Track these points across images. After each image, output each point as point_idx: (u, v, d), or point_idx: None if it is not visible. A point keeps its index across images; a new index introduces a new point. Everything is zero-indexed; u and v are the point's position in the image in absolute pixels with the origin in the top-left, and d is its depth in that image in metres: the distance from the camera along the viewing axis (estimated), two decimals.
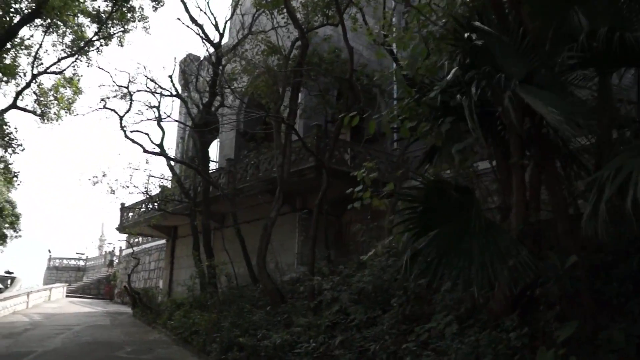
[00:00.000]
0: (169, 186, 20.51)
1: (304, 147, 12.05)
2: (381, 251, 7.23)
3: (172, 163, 18.55)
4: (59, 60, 17.08)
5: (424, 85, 7.36)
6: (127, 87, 16.88)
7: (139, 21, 17.69)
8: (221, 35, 15.93)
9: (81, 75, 18.55)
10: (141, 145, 16.19)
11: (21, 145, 17.57)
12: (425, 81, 7.30)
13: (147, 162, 17.53)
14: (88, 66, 22.59)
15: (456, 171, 7.53)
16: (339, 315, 9.86)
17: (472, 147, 6.61)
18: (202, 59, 19.08)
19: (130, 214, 24.83)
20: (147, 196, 17.87)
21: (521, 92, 5.18)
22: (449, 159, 7.25)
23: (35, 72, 16.79)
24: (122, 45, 18.99)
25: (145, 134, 18.40)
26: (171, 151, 20.29)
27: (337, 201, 17.67)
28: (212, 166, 20.42)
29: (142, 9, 17.54)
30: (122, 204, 25.30)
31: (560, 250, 6.37)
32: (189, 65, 19.55)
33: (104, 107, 16.45)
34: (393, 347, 7.98)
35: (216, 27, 15.81)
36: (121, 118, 16.33)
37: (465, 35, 5.72)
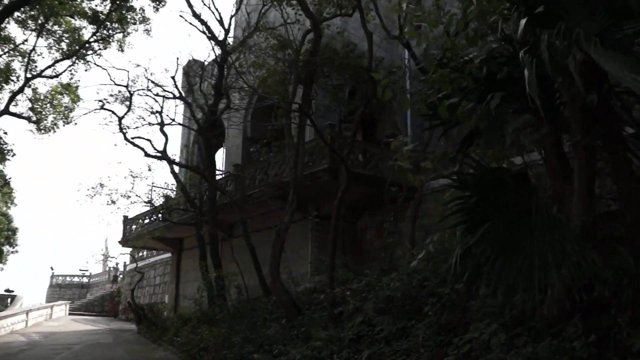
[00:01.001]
0: (173, 196, 19.64)
1: (321, 139, 11.09)
2: (432, 250, 6.29)
3: (177, 170, 17.69)
4: (55, 63, 16.31)
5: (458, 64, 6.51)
6: (126, 87, 16.09)
7: (140, 23, 16.97)
8: (226, 32, 15.16)
9: (79, 81, 17.63)
10: (142, 149, 15.35)
11: (12, 150, 16.74)
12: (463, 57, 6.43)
13: (149, 170, 16.63)
14: (86, 70, 21.80)
15: (502, 158, 6.57)
16: (363, 326, 8.91)
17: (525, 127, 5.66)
18: (206, 63, 18.28)
19: (134, 226, 23.95)
20: (151, 206, 16.94)
21: (597, 53, 4.25)
22: (495, 144, 6.34)
23: (29, 75, 15.97)
24: (122, 50, 18.27)
25: (147, 140, 17.61)
26: (174, 158, 19.45)
27: (351, 206, 16.81)
28: (218, 175, 19.51)
29: (143, 10, 16.79)
30: (125, 216, 24.43)
31: (632, 245, 5.47)
32: (192, 69, 18.76)
33: (102, 107, 15.63)
34: None
35: (221, 22, 15.04)
36: (120, 119, 15.51)
37: None
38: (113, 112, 15.72)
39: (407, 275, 8.72)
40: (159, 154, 15.79)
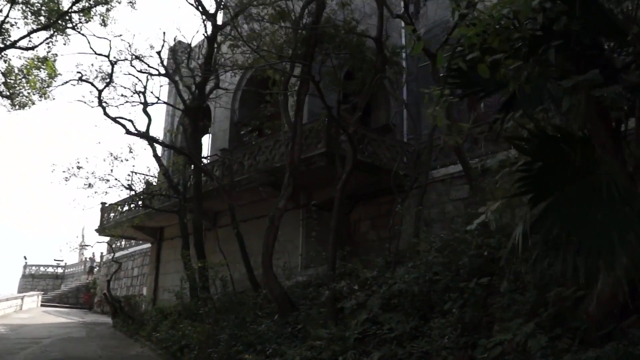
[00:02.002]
0: (155, 182, 18.46)
1: (325, 105, 10.00)
2: (489, 220, 5.29)
3: (160, 153, 16.50)
4: (30, 33, 14.94)
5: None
6: (107, 56, 14.82)
7: None
8: (218, 4, 14.00)
9: (56, 55, 16.21)
10: (123, 126, 14.13)
11: None
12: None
13: (130, 151, 15.37)
14: (65, 44, 20.42)
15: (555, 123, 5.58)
16: (368, 325, 7.93)
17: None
18: (194, 43, 17.12)
19: (112, 214, 22.64)
20: (131, 191, 15.76)
21: None
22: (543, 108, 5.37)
23: (1, 45, 14.62)
24: (105, 25, 17.00)
25: (129, 120, 16.35)
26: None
27: (345, 196, 15.81)
28: (204, 160, 18.31)
29: None
30: (103, 203, 23.13)
31: None
32: (180, 47, 17.56)
33: (81, 79, 14.37)
34: None
35: None
36: (100, 92, 14.23)
37: None
38: (92, 84, 14.47)
39: (425, 266, 7.75)
40: (141, 133, 14.57)
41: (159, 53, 14.97)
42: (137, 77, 16.01)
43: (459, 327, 6.43)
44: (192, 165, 14.93)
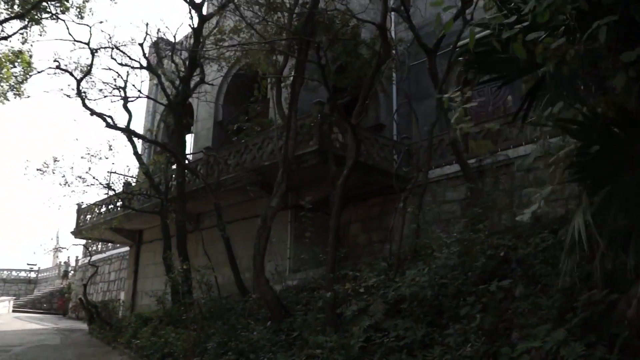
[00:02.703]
0: (134, 182, 17.62)
1: (330, 96, 9.41)
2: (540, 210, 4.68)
3: (140, 151, 15.68)
4: (2, 22, 14.00)
5: None
6: (87, 44, 13.95)
7: None
8: None
9: (32, 45, 15.29)
10: (103, 118, 13.30)
11: None
12: None
13: (110, 149, 14.49)
14: (41, 35, 19.45)
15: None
16: (371, 332, 7.33)
17: None
18: (178, 37, 16.34)
19: (89, 216, 21.66)
20: (110, 190, 14.89)
21: None
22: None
23: None
24: (81, 17, 16.15)
25: (108, 116, 15.52)
26: (138, 141, 17.37)
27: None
28: (188, 159, 17.50)
29: None
30: (79, 204, 22.15)
31: None
32: (163, 41, 16.79)
33: (58, 67, 13.47)
34: None
35: None
36: (79, 82, 13.37)
37: None
38: (71, 74, 13.54)
39: (442, 269, 7.18)
40: (122, 127, 13.76)
41: (141, 45, 14.21)
42: (117, 72, 15.16)
43: (479, 335, 5.85)
44: (175, 164, 14.17)
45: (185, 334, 10.57)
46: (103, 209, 20.47)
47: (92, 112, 13.31)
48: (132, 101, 15.75)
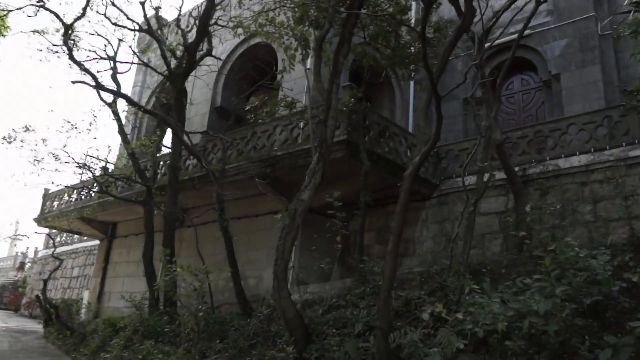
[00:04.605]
0: (115, 167, 15.35)
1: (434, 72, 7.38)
2: None
3: (128, 129, 13.44)
4: None
5: None
6: None
7: None
8: None
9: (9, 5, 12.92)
10: (94, 77, 11.04)
11: None
12: None
13: (94, 118, 12.19)
14: None
15: None
16: None
17: None
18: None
19: (56, 202, 19.20)
20: (87, 171, 12.55)
21: None
22: None
23: None
24: None
25: (94, 86, 13.19)
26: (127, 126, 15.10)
27: (344, 201, 13.35)
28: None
29: None
30: (46, 189, 19.72)
31: None
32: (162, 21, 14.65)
33: (42, 6, 11.08)
34: None
35: None
36: (68, 28, 10.97)
37: None
38: (56, 15, 11.12)
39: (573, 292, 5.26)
40: (115, 91, 11.50)
41: (142, 3, 12.01)
42: (107, 40, 12.81)
43: None
44: (170, 146, 12.05)
45: (172, 351, 8.45)
46: (74, 195, 18.06)
47: (81, 68, 11.04)
48: (121, 73, 13.59)
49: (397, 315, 7.19)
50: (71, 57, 10.83)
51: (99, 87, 11.07)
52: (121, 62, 12.34)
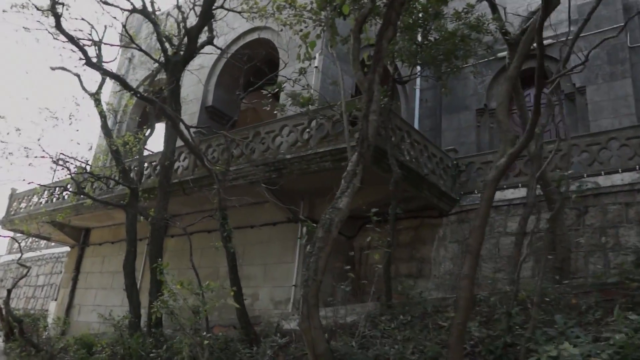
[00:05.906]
0: (94, 165, 13.81)
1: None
2: None
3: (111, 124, 11.95)
4: None
5: None
6: None
7: None
8: None
9: None
10: (84, 50, 9.53)
11: None
12: None
13: (77, 106, 10.73)
14: None
15: None
16: None
17: None
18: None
19: (24, 203, 17.45)
20: (62, 167, 10.98)
21: None
22: None
23: None
24: None
25: (75, 75, 11.76)
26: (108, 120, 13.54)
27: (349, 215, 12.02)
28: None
29: None
30: (13, 189, 17.98)
31: None
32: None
33: None
34: None
35: None
36: None
37: None
38: None
39: None
40: (110, 72, 10.03)
41: None
42: (91, 25, 11.32)
43: None
44: (164, 141, 10.62)
45: None
46: (45, 197, 16.37)
47: (69, 40, 9.50)
48: (108, 62, 12.17)
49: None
50: (58, 27, 9.32)
51: (89, 63, 9.61)
52: (111, 45, 10.75)
